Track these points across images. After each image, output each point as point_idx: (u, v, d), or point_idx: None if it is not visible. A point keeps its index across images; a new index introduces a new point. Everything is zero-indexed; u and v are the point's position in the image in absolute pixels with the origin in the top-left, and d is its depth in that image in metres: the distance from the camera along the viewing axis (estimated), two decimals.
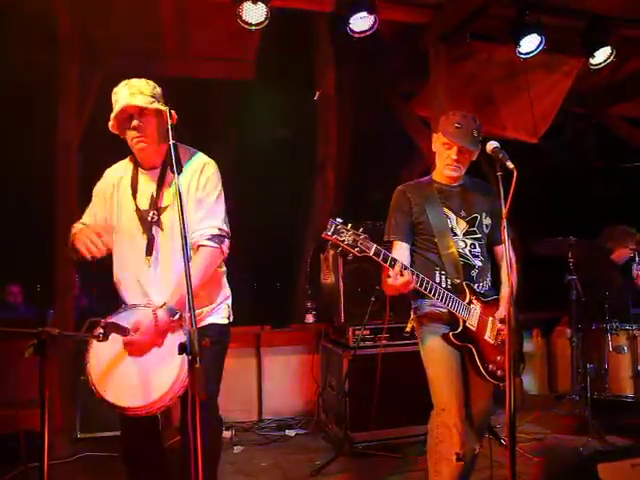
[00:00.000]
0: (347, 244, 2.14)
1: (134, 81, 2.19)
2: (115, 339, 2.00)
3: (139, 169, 2.32)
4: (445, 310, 2.46)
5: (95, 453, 3.77)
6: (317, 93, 5.96)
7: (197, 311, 2.21)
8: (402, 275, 2.21)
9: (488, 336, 2.49)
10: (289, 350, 4.85)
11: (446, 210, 2.57)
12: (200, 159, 2.32)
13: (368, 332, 3.98)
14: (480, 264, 2.55)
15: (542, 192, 6.49)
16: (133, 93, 2.14)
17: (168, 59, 5.11)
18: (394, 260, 2.23)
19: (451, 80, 4.67)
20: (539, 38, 4.26)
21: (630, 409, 4.07)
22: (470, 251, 2.54)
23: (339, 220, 2.16)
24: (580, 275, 4.11)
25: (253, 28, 3.90)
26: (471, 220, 2.59)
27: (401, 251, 2.52)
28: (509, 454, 1.96)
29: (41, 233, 4.68)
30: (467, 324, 2.43)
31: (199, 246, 2.20)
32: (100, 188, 2.40)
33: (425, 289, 2.33)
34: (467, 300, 2.44)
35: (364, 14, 3.93)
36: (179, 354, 1.52)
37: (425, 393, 2.56)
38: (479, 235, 2.58)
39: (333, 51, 5.95)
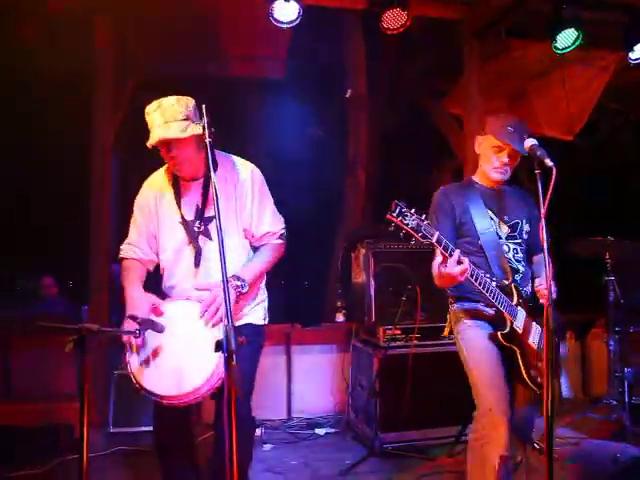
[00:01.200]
0: (411, 227, 2.07)
1: (166, 104, 2.14)
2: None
3: (181, 180, 2.35)
4: (488, 311, 2.42)
5: (127, 447, 3.83)
6: (348, 92, 5.94)
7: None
8: (460, 263, 2.15)
9: (532, 341, 2.44)
10: (319, 349, 4.84)
11: (490, 213, 2.52)
12: (246, 166, 2.40)
13: (399, 332, 3.94)
14: (523, 269, 2.52)
15: (579, 191, 6.35)
16: (167, 122, 2.11)
17: (200, 58, 5.16)
18: (453, 248, 2.17)
19: (484, 77, 4.61)
20: (576, 33, 4.16)
21: None
22: (514, 256, 2.51)
23: (404, 203, 2.08)
24: (618, 276, 4.00)
25: (285, 26, 3.90)
26: (513, 225, 2.55)
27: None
28: (547, 459, 1.91)
29: (76, 232, 4.78)
30: (514, 325, 2.37)
31: (269, 244, 2.41)
32: (141, 202, 2.42)
33: (479, 283, 2.25)
34: (515, 301, 2.39)
35: (397, 10, 3.90)
36: (215, 351, 1.53)
37: (456, 394, 2.49)
38: (520, 241, 2.55)
39: (365, 49, 5.93)
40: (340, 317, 4.86)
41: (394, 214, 2.05)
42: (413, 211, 2.07)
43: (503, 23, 4.41)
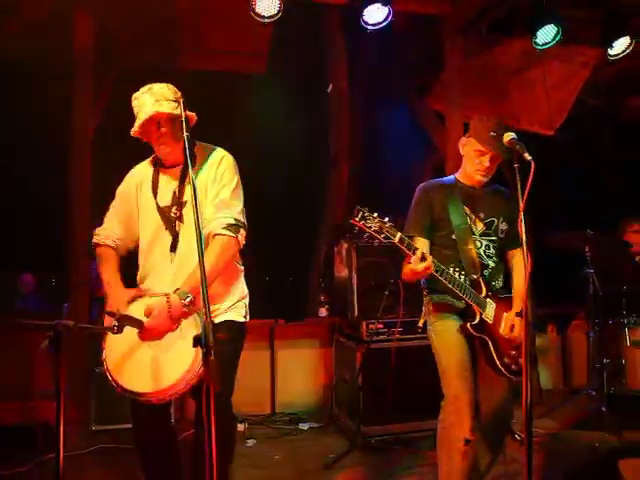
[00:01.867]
0: (374, 230, 2.22)
1: (156, 87, 2.19)
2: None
3: (160, 169, 2.37)
4: (459, 304, 2.53)
5: (110, 445, 3.80)
6: (330, 87, 5.93)
7: (214, 307, 2.22)
8: (423, 260, 2.29)
9: (503, 330, 2.54)
10: (302, 344, 4.85)
11: (467, 210, 2.65)
12: (217, 153, 2.36)
13: (382, 326, 3.97)
14: (493, 264, 2.65)
15: (557, 185, 6.41)
16: (158, 100, 2.15)
17: (182, 53, 5.11)
18: (416, 248, 2.32)
19: (466, 73, 4.63)
20: (556, 29, 4.21)
21: None
22: (485, 252, 2.64)
23: (366, 208, 2.23)
24: (597, 269, 4.05)
25: (266, 21, 3.88)
26: (488, 223, 2.67)
27: (421, 246, 2.53)
28: (526, 450, 1.94)
29: (56, 227, 4.72)
30: (483, 316, 2.49)
31: (215, 235, 2.20)
32: (123, 190, 2.44)
33: (444, 278, 2.40)
34: (483, 294, 2.51)
35: (378, 5, 3.90)
36: (193, 347, 1.52)
37: (439, 387, 2.56)
38: (494, 238, 2.67)
39: (346, 44, 5.91)
40: (323, 312, 4.87)
41: (357, 219, 2.22)
42: (375, 215, 2.22)
43: (485, 19, 4.43)
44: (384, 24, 4.00)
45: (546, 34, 4.25)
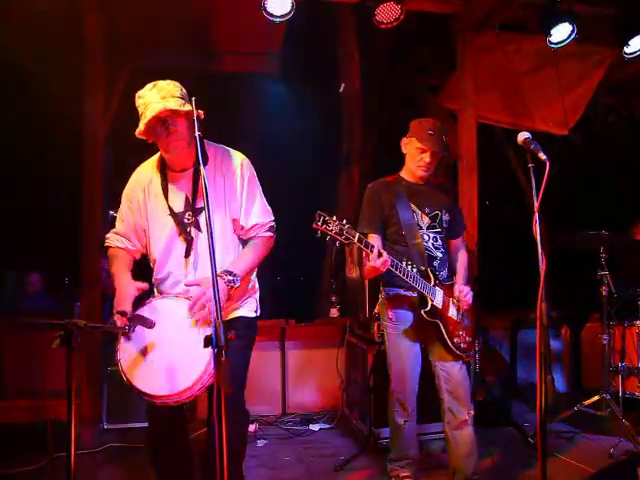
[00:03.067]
0: (335, 232, 2.41)
1: (161, 84, 2.16)
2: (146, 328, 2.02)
3: (169, 172, 2.32)
4: (412, 295, 2.83)
5: (121, 444, 3.81)
6: (342, 86, 5.91)
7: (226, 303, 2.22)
8: (380, 256, 2.51)
9: (451, 313, 2.85)
10: (313, 344, 4.83)
11: (413, 206, 2.89)
12: (237, 157, 2.36)
13: None
14: (441, 255, 2.92)
15: (571, 185, 6.35)
16: (165, 97, 2.11)
17: (194, 54, 5.12)
18: (372, 245, 2.54)
19: (479, 72, 4.59)
20: (570, 27, 4.15)
21: None
22: (433, 244, 2.90)
23: (325, 213, 2.43)
24: (612, 271, 3.99)
25: (278, 20, 3.87)
26: (434, 216, 2.92)
27: (375, 242, 2.74)
28: (540, 454, 1.91)
29: (68, 227, 4.74)
30: (434, 303, 2.77)
31: (258, 237, 2.36)
32: (129, 192, 2.39)
33: (398, 271, 2.63)
34: (432, 283, 2.79)
35: (391, 4, 3.87)
36: (204, 347, 1.51)
37: None
38: (439, 229, 2.93)
39: (358, 43, 5.89)
40: (334, 312, 4.85)
41: (318, 223, 2.40)
42: (335, 218, 2.42)
43: (497, 17, 4.39)
44: (396, 23, 3.98)
45: (561, 32, 4.19)
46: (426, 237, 2.88)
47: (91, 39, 4.30)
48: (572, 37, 4.19)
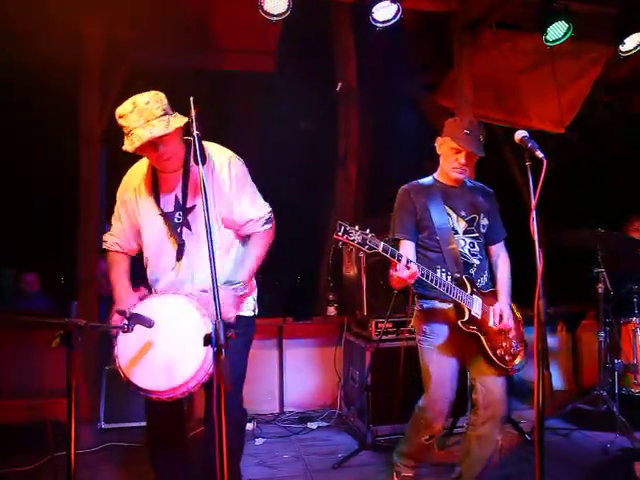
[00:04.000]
0: (357, 243, 2.27)
1: (141, 102, 2.06)
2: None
3: (159, 173, 2.31)
4: (448, 307, 2.64)
5: (119, 443, 3.82)
6: (339, 85, 5.91)
7: None
8: (408, 268, 2.35)
9: (492, 323, 2.64)
10: (311, 342, 4.84)
11: (448, 209, 2.72)
12: (222, 155, 2.32)
13: (391, 325, 3.95)
14: (478, 262, 2.73)
15: (567, 183, 6.36)
16: (148, 120, 2.04)
17: (190, 52, 5.11)
18: (400, 255, 2.38)
19: (475, 70, 4.59)
20: (567, 25, 4.17)
21: None
22: (469, 250, 2.72)
23: (347, 222, 2.30)
24: (608, 268, 4.01)
25: (274, 19, 3.86)
26: (470, 220, 2.75)
27: (407, 249, 2.67)
28: (538, 450, 1.92)
29: (64, 225, 4.73)
30: (472, 313, 2.58)
31: (256, 232, 2.36)
32: (122, 193, 2.39)
33: (430, 280, 2.47)
34: (469, 292, 2.60)
35: (387, 3, 3.87)
36: (204, 345, 1.51)
37: None
38: (477, 234, 2.75)
39: (354, 42, 5.89)
40: (332, 311, 4.86)
41: (339, 233, 2.27)
42: (357, 227, 2.27)
43: (493, 16, 4.40)
44: (393, 21, 3.98)
45: (557, 30, 4.21)
46: (462, 242, 2.70)
47: (88, 37, 4.29)
48: (568, 35, 4.20)
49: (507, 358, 2.64)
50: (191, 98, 1.98)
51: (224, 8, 4.60)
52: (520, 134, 2.23)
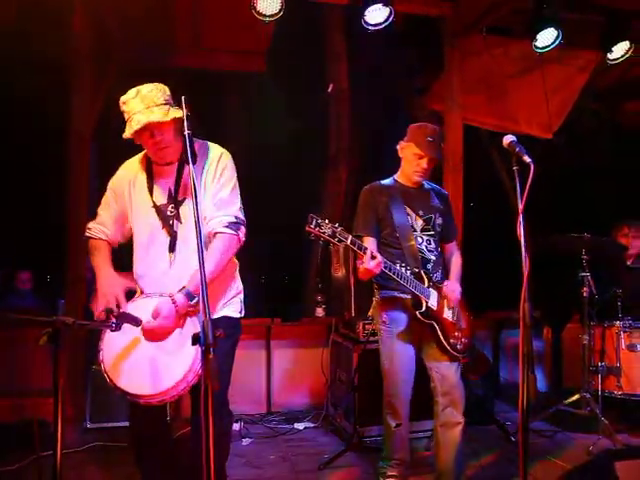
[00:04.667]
0: (327, 235, 2.39)
1: (145, 90, 2.14)
2: (129, 327, 2.00)
3: (154, 165, 2.33)
4: (406, 297, 2.83)
5: (105, 443, 3.79)
6: (330, 86, 5.92)
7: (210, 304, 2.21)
8: (373, 258, 2.51)
9: (447, 314, 2.86)
10: (299, 343, 4.84)
11: (407, 209, 2.91)
12: (216, 150, 2.34)
13: None
14: (434, 258, 2.94)
15: (554, 189, 6.43)
16: (149, 106, 2.10)
17: (181, 50, 5.10)
18: (365, 247, 2.55)
19: (465, 74, 4.63)
20: (556, 32, 4.21)
21: None
22: (426, 246, 2.92)
23: (318, 215, 2.41)
24: (593, 272, 4.06)
25: (267, 19, 3.86)
26: (427, 219, 2.95)
27: (369, 244, 2.78)
28: (521, 451, 1.94)
29: (53, 223, 4.70)
30: (429, 304, 2.77)
31: (216, 233, 2.22)
32: (115, 184, 2.40)
33: (392, 273, 2.64)
34: (426, 285, 2.79)
35: (380, 6, 3.89)
36: (192, 345, 1.51)
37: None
38: (433, 232, 2.95)
39: (346, 44, 5.91)
40: (320, 312, 4.86)
41: (311, 226, 2.38)
42: (327, 221, 2.40)
43: (484, 21, 4.44)
44: (385, 25, 4.00)
45: (546, 37, 4.25)
46: (420, 239, 2.90)
47: (78, 37, 4.27)
48: (557, 42, 4.25)
49: (459, 347, 2.86)
50: (182, 97, 1.99)
51: (216, 7, 4.59)
52: (508, 139, 2.26)
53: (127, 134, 2.14)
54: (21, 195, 5.89)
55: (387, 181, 3.02)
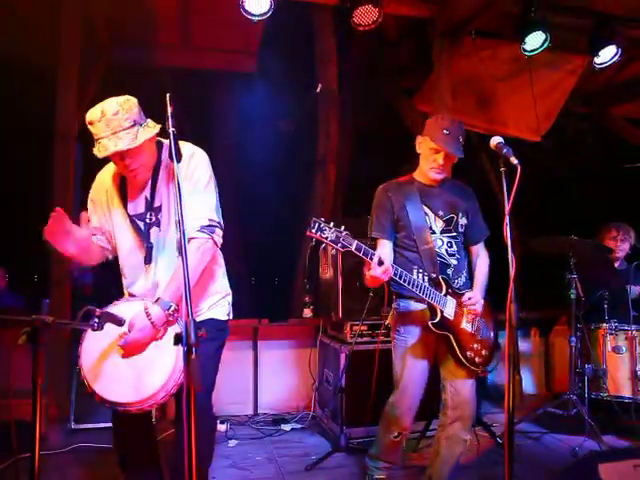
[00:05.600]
0: (330, 240, 2.26)
1: (110, 112, 2.01)
2: (108, 333, 1.96)
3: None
4: (423, 307, 2.64)
5: (89, 444, 3.74)
6: (319, 87, 5.92)
7: (195, 307, 2.19)
8: (381, 265, 2.32)
9: (465, 325, 2.65)
10: (286, 344, 4.83)
11: (425, 209, 2.70)
12: (187, 149, 2.23)
13: (366, 327, 3.96)
14: (456, 262, 2.71)
15: (542, 191, 6.47)
16: (115, 132, 1.99)
17: (170, 49, 5.07)
18: (373, 253, 2.35)
19: (454, 76, 4.64)
20: (544, 35, 4.23)
21: (627, 410, 4.05)
22: (446, 250, 2.71)
23: (322, 219, 2.27)
24: (580, 274, 4.09)
25: (256, 19, 3.85)
26: (448, 219, 2.73)
27: (384, 248, 2.65)
28: (507, 453, 1.94)
29: (38, 223, 4.64)
30: (445, 314, 2.58)
31: (190, 238, 2.12)
32: (94, 197, 2.35)
33: (403, 280, 2.47)
34: (444, 292, 2.59)
35: (369, 7, 3.89)
36: (174, 345, 1.49)
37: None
38: (455, 234, 2.73)
39: (335, 45, 5.91)
40: (308, 313, 4.85)
41: (313, 230, 2.25)
42: (331, 225, 2.27)
43: (473, 23, 4.45)
44: (374, 25, 4.00)
45: (534, 40, 4.27)
46: (439, 242, 2.69)
47: (66, 34, 4.23)
48: (545, 46, 4.27)
49: (477, 360, 2.64)
50: (167, 95, 1.97)
51: (205, 6, 4.57)
52: (495, 140, 2.26)
53: (96, 153, 2.05)
54: (5, 194, 5.82)
55: (404, 179, 2.82)
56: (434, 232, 2.69)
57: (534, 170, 5.62)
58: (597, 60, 4.57)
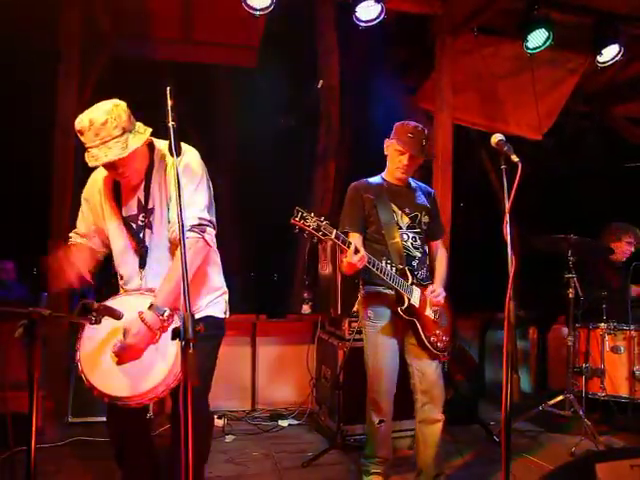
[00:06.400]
0: (312, 228, 2.41)
1: (98, 121, 1.98)
2: (107, 327, 1.96)
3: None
4: (390, 292, 2.85)
5: (86, 438, 3.75)
6: (320, 82, 5.90)
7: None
8: (356, 253, 2.51)
9: (428, 312, 2.88)
10: (284, 340, 4.82)
11: (393, 206, 2.94)
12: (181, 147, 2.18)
13: None
14: (419, 255, 2.96)
15: (542, 190, 6.46)
16: (105, 141, 1.96)
17: (170, 43, 5.05)
18: (350, 242, 2.56)
19: (456, 73, 4.63)
20: (547, 33, 4.23)
21: (624, 409, 4.06)
22: (412, 244, 2.95)
23: (305, 209, 2.43)
24: (579, 274, 4.08)
25: (258, 13, 3.84)
26: (413, 217, 2.98)
27: (355, 240, 2.77)
28: (504, 452, 1.94)
29: (38, 217, 4.63)
30: (411, 301, 2.80)
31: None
32: (87, 194, 2.33)
33: (376, 268, 2.67)
34: (410, 282, 2.83)
35: (371, 3, 3.88)
36: (172, 339, 1.48)
37: None
38: (419, 230, 2.98)
39: (337, 40, 5.89)
40: (306, 309, 4.85)
41: (297, 218, 2.41)
42: (313, 214, 2.43)
43: (476, 20, 4.44)
44: (376, 21, 3.99)
45: (537, 38, 4.27)
46: (405, 237, 2.92)
47: (67, 27, 4.21)
48: (548, 43, 4.26)
49: (439, 345, 2.88)
50: (167, 89, 1.95)
51: (207, 1, 4.55)
52: (496, 137, 2.26)
53: (87, 160, 2.03)
54: (7, 188, 5.81)
55: (374, 179, 3.05)
56: (401, 227, 2.93)
57: (534, 168, 5.61)
58: (600, 59, 4.57)
